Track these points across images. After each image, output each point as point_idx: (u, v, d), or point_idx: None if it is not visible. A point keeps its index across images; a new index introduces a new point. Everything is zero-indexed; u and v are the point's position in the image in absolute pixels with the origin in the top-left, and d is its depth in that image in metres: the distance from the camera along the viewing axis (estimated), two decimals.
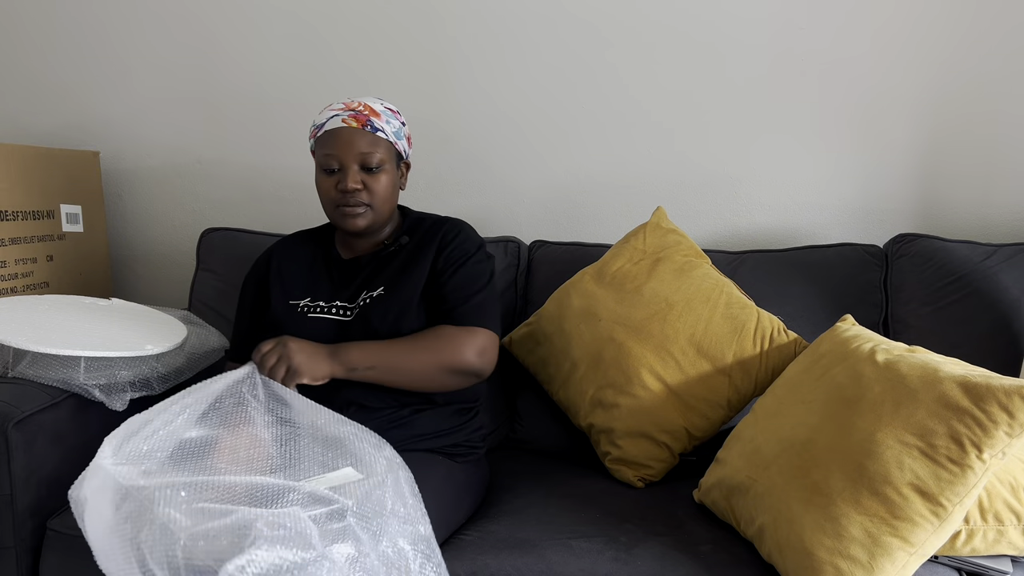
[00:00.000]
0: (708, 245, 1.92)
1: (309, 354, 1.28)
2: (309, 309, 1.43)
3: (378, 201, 1.41)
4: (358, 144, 1.39)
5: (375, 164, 1.39)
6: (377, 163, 1.39)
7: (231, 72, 2.10)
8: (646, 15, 1.92)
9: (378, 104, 1.43)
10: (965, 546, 1.17)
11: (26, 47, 2.16)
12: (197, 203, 2.17)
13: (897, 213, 1.92)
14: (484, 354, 1.38)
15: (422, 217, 1.54)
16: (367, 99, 1.44)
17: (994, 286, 1.62)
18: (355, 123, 1.39)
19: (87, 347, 1.40)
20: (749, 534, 1.22)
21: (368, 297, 1.41)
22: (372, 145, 1.39)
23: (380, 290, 1.41)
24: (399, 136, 1.44)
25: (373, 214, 1.42)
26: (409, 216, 1.54)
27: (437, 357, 1.35)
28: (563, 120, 2.00)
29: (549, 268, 1.80)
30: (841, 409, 1.18)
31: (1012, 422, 1.05)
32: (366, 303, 1.40)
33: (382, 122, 1.41)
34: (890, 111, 1.88)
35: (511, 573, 1.17)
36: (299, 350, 1.28)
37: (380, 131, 1.40)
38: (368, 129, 1.39)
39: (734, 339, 1.50)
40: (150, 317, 1.67)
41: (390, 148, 1.42)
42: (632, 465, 1.49)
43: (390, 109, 1.44)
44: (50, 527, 1.34)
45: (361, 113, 1.40)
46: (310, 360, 1.28)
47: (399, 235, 1.49)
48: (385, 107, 1.44)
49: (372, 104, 1.42)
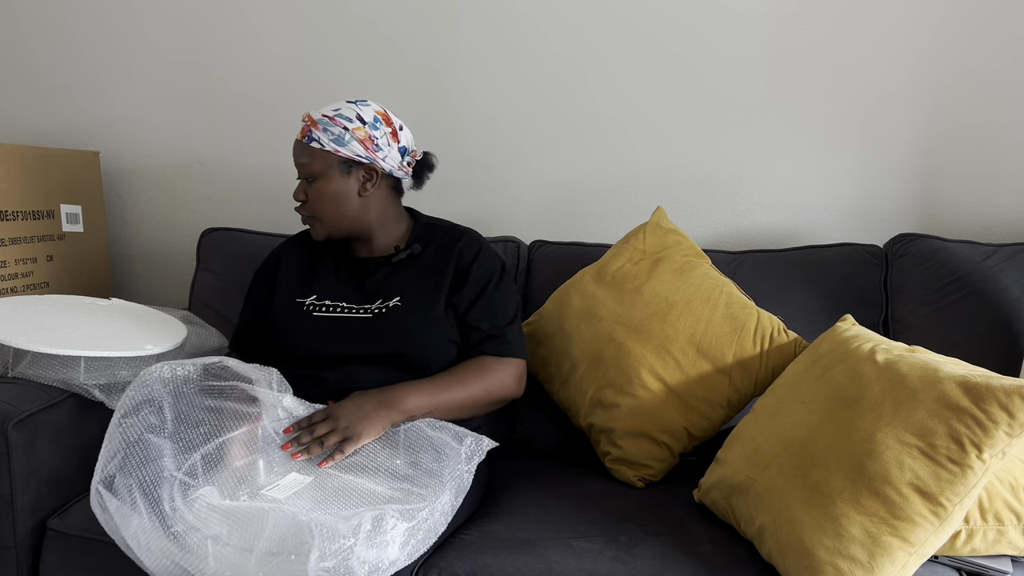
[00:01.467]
0: (708, 245, 1.92)
1: (361, 416, 1.25)
2: (315, 307, 1.43)
3: (320, 211, 1.43)
4: (297, 156, 1.43)
5: (310, 175, 1.42)
6: (313, 174, 1.41)
7: (231, 72, 2.10)
8: (646, 15, 1.92)
9: (327, 109, 1.42)
10: (965, 546, 1.17)
11: (26, 47, 2.16)
12: (197, 203, 2.17)
13: (897, 213, 1.92)
14: (521, 380, 1.45)
15: (433, 224, 1.53)
16: (327, 107, 1.43)
17: (994, 286, 1.62)
18: (300, 135, 1.42)
19: (87, 347, 1.40)
20: (749, 534, 1.22)
21: (384, 306, 1.41)
22: (306, 156, 1.41)
23: (396, 300, 1.41)
24: (341, 142, 1.39)
25: (323, 225, 1.45)
26: (419, 221, 1.54)
27: (485, 392, 1.38)
28: (563, 120, 2.00)
29: (549, 268, 1.80)
30: (841, 409, 1.18)
31: (1012, 422, 1.05)
32: (382, 312, 1.40)
33: (318, 132, 1.40)
34: (890, 111, 1.88)
35: (511, 573, 1.17)
36: (350, 414, 1.25)
37: (315, 141, 1.40)
38: (305, 140, 1.41)
39: (734, 339, 1.50)
40: (150, 317, 1.67)
41: (327, 157, 1.40)
42: (632, 465, 1.49)
43: (330, 117, 1.40)
44: (50, 527, 1.34)
45: (305, 124, 1.42)
46: (365, 422, 1.25)
47: (410, 241, 1.49)
48: (329, 116, 1.40)
49: (316, 113, 1.42)
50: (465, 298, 1.43)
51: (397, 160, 1.45)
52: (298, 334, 1.42)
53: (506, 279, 1.49)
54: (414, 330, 1.38)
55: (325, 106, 1.44)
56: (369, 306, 1.42)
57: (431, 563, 1.19)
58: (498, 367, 1.41)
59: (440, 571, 1.18)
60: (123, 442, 1.15)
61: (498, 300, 1.44)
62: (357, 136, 1.40)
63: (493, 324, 1.42)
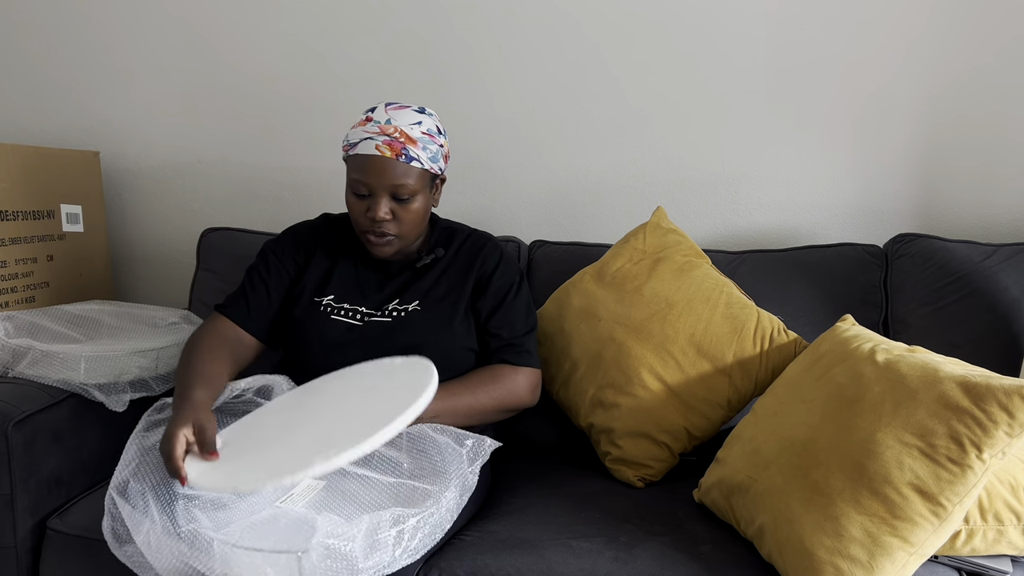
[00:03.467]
0: (708, 245, 1.92)
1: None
2: (333, 310, 1.41)
3: (407, 229, 1.37)
4: (390, 175, 1.31)
5: (407, 194, 1.33)
6: (409, 193, 1.33)
7: (231, 72, 2.10)
8: (647, 15, 1.92)
9: (415, 128, 1.33)
10: (965, 546, 1.17)
11: (27, 47, 2.16)
12: (197, 203, 2.17)
13: (897, 213, 1.92)
14: (536, 390, 1.44)
15: (452, 228, 1.51)
16: (402, 115, 1.33)
17: (994, 286, 1.62)
18: (389, 151, 1.31)
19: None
20: (749, 534, 1.22)
21: (403, 310, 1.39)
22: (405, 176, 1.32)
23: (415, 304, 1.40)
24: (435, 159, 1.35)
25: (400, 242, 1.38)
26: (438, 224, 1.52)
27: (495, 400, 1.37)
28: (563, 120, 2.00)
29: (549, 268, 1.80)
30: (841, 409, 1.18)
31: (1012, 422, 1.05)
32: (400, 315, 1.38)
33: (418, 149, 1.32)
34: (890, 111, 1.88)
35: (511, 573, 1.17)
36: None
37: (415, 160, 1.32)
38: (403, 159, 1.31)
39: (734, 339, 1.50)
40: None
41: (424, 175, 1.35)
42: (632, 465, 1.49)
43: (427, 134, 1.33)
44: (50, 527, 1.34)
45: (396, 140, 1.31)
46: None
47: (432, 246, 1.47)
48: (423, 132, 1.33)
49: (409, 130, 1.32)
50: (486, 306, 1.42)
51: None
52: (314, 336, 1.39)
53: (524, 288, 1.49)
54: (431, 336, 1.37)
55: (389, 113, 1.33)
56: (387, 309, 1.40)
57: (431, 563, 1.19)
58: (512, 376, 1.40)
59: (440, 571, 1.18)
60: (139, 450, 1.16)
61: (518, 309, 1.45)
62: (444, 152, 1.38)
63: (512, 333, 1.43)
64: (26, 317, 1.57)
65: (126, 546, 1.06)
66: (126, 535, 1.06)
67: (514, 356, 1.42)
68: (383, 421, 1.03)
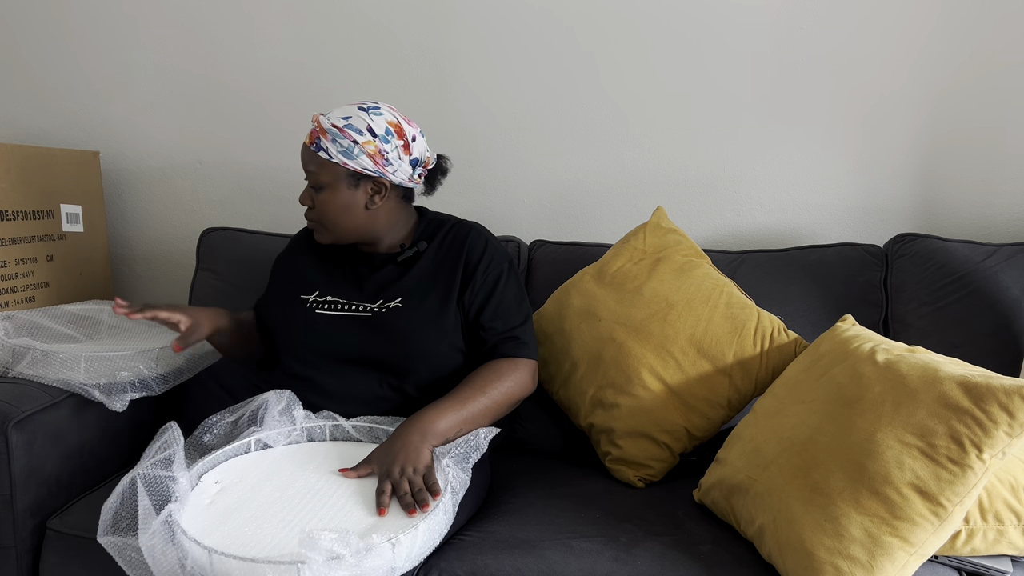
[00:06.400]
0: (708, 245, 1.92)
1: (413, 460, 1.18)
2: (316, 305, 1.42)
3: (327, 221, 1.39)
4: (305, 162, 1.38)
5: (317, 184, 1.37)
6: (320, 184, 1.36)
7: (231, 72, 2.10)
8: (647, 14, 1.92)
9: (339, 122, 1.34)
10: (965, 546, 1.17)
11: (26, 47, 2.16)
12: (197, 203, 2.17)
13: (897, 213, 1.92)
14: (535, 377, 1.45)
15: (440, 220, 1.51)
16: (343, 109, 1.37)
17: (994, 286, 1.62)
18: (308, 139, 1.37)
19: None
20: (749, 534, 1.22)
21: (385, 307, 1.39)
22: (312, 164, 1.36)
23: (398, 301, 1.39)
24: (349, 155, 1.33)
25: (331, 233, 1.41)
26: (426, 216, 1.51)
27: (507, 396, 1.36)
28: (563, 120, 2.00)
29: (549, 268, 1.79)
30: (841, 409, 1.18)
31: (1012, 422, 1.05)
32: (383, 311, 1.39)
33: (327, 141, 1.33)
34: (891, 111, 1.88)
35: (511, 573, 1.17)
36: (404, 467, 1.16)
37: (323, 151, 1.34)
38: (313, 148, 1.35)
39: (734, 339, 1.49)
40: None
41: (335, 169, 1.35)
42: (632, 465, 1.49)
43: (341, 128, 1.33)
44: (50, 527, 1.34)
45: (313, 130, 1.36)
46: (417, 453, 1.19)
47: (416, 239, 1.46)
48: (338, 126, 1.33)
49: (325, 120, 1.35)
50: (476, 298, 1.41)
51: (408, 173, 1.39)
52: (296, 330, 1.41)
53: (515, 275, 1.46)
54: (410, 333, 1.37)
55: (335, 110, 1.38)
56: (371, 304, 1.40)
57: (431, 563, 1.19)
58: (515, 369, 1.38)
59: (440, 571, 1.18)
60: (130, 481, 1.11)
61: (510, 299, 1.43)
62: (367, 150, 1.33)
63: (507, 325, 1.41)
64: (26, 317, 1.57)
65: (111, 536, 1.04)
66: (124, 526, 1.05)
67: (514, 348, 1.40)
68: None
